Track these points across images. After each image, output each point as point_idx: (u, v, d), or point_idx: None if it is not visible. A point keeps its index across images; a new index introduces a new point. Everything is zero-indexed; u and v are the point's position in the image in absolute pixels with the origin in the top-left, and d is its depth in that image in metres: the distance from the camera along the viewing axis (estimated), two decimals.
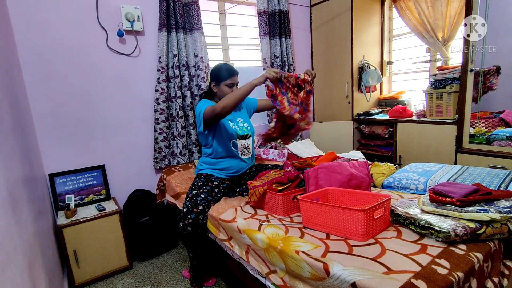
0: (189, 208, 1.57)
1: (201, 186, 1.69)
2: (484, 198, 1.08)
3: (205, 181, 1.72)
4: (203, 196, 1.63)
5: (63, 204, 2.00)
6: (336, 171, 1.46)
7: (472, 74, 1.98)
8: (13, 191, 0.99)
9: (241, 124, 1.86)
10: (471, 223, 0.98)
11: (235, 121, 1.84)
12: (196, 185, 1.71)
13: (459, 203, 1.05)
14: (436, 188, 1.16)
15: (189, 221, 1.54)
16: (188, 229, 1.54)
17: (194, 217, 1.55)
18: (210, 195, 1.66)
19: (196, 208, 1.57)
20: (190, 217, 1.54)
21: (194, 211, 1.56)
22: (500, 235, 0.99)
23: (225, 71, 1.74)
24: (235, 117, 1.87)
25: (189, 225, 1.54)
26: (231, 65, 1.82)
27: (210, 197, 1.64)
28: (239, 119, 1.87)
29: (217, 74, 1.76)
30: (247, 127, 1.87)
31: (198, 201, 1.60)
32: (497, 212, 0.99)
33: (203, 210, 1.58)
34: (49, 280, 1.33)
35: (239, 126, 1.84)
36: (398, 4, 2.81)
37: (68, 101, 2.03)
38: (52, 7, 1.92)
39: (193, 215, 1.55)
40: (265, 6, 2.80)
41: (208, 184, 1.71)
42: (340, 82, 3.02)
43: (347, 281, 0.85)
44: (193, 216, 1.54)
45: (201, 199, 1.61)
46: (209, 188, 1.69)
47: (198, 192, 1.65)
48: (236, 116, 1.87)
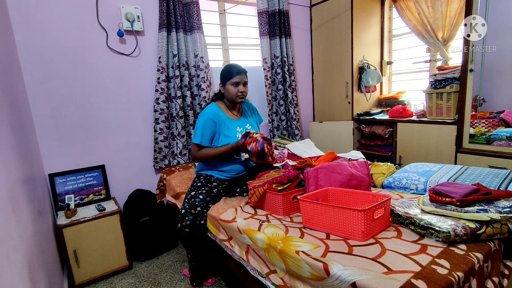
0: (187, 209, 1.56)
1: (200, 187, 1.68)
2: (484, 198, 1.08)
3: (204, 182, 1.71)
4: (201, 197, 1.62)
5: (63, 204, 2.00)
6: (336, 171, 1.46)
7: (472, 74, 1.98)
8: (13, 191, 0.99)
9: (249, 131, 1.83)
10: (471, 223, 0.98)
11: (243, 127, 1.81)
12: (195, 186, 1.70)
13: (459, 203, 1.05)
14: (436, 188, 1.16)
15: (187, 223, 1.54)
16: (186, 231, 1.54)
17: (192, 218, 1.54)
18: (209, 195, 1.65)
19: (194, 209, 1.56)
20: (188, 218, 1.54)
21: (192, 213, 1.55)
22: (500, 235, 0.99)
23: (229, 70, 1.71)
24: (244, 123, 1.82)
25: (187, 227, 1.53)
26: (238, 65, 1.77)
27: (208, 197, 1.64)
28: (248, 125, 1.83)
29: (222, 74, 1.73)
30: None
31: (196, 202, 1.59)
32: (497, 212, 0.99)
33: (201, 211, 1.57)
34: (49, 280, 1.33)
35: None
36: (398, 4, 2.81)
37: (68, 101, 2.03)
38: (52, 7, 1.92)
39: (191, 217, 1.54)
40: (265, 6, 2.80)
41: (207, 185, 1.69)
42: (340, 82, 3.02)
43: (347, 281, 0.85)
44: (191, 218, 1.54)
45: (199, 200, 1.61)
46: (208, 189, 1.68)
47: (197, 193, 1.64)
48: (245, 122, 1.83)
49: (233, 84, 1.69)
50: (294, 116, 3.08)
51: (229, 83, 1.70)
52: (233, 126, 1.74)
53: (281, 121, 3.09)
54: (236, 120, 1.79)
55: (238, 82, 1.69)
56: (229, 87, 1.70)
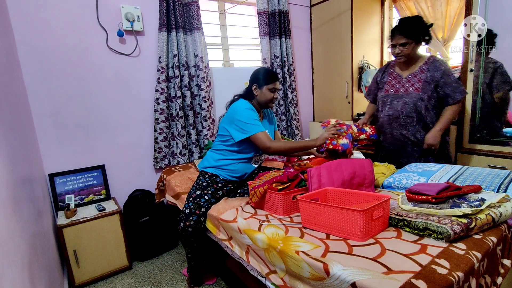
0: (192, 209, 1.55)
1: (206, 186, 1.65)
2: (455, 194, 1.14)
3: (210, 182, 1.68)
4: (206, 197, 1.60)
5: (63, 204, 2.00)
6: (338, 169, 1.46)
7: (472, 74, 1.98)
8: (13, 191, 0.99)
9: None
10: (463, 219, 1.02)
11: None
12: (201, 184, 1.67)
13: (434, 200, 1.11)
14: (412, 188, 1.22)
15: (190, 223, 1.53)
16: (189, 231, 1.53)
17: (196, 219, 1.53)
18: (214, 197, 1.63)
19: (198, 210, 1.55)
20: (192, 218, 1.53)
21: (196, 213, 1.54)
22: (487, 225, 1.05)
23: (270, 75, 1.70)
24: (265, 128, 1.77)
25: (190, 227, 1.52)
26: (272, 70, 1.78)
27: (213, 199, 1.62)
28: (267, 132, 1.79)
29: (261, 77, 1.70)
30: None
31: (201, 202, 1.58)
32: (469, 206, 1.05)
33: (205, 212, 1.57)
34: (49, 280, 1.33)
35: None
36: (398, 4, 2.81)
37: (68, 101, 2.04)
38: (52, 7, 1.92)
39: (195, 217, 1.53)
40: (265, 6, 2.80)
41: (212, 185, 1.67)
42: (340, 82, 3.02)
43: (347, 281, 0.85)
44: (195, 218, 1.53)
45: (204, 200, 1.59)
46: (214, 190, 1.65)
47: (202, 193, 1.62)
48: (265, 128, 1.77)
49: (270, 89, 1.70)
50: (294, 116, 3.08)
51: (267, 87, 1.69)
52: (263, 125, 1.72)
53: (281, 121, 3.09)
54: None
55: (275, 89, 1.71)
56: (266, 91, 1.70)
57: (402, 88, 1.83)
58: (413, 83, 1.79)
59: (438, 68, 1.73)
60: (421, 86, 1.77)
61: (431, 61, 1.78)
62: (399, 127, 1.86)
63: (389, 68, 1.96)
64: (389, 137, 1.94)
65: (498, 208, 1.07)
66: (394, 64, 1.94)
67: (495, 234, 1.04)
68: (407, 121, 1.82)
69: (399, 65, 1.90)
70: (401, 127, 1.85)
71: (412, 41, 1.71)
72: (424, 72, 1.77)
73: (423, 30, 1.71)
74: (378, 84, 2.01)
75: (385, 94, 1.92)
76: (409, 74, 1.83)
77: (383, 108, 1.92)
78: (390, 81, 1.91)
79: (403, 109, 1.81)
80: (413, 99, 1.78)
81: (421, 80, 1.77)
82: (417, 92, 1.77)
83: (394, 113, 1.86)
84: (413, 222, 1.06)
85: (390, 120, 1.88)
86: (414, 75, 1.80)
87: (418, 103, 1.77)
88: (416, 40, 1.72)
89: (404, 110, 1.81)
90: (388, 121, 1.90)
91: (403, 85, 1.83)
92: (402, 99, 1.82)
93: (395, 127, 1.88)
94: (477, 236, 1.01)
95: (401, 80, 1.86)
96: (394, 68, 1.93)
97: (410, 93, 1.79)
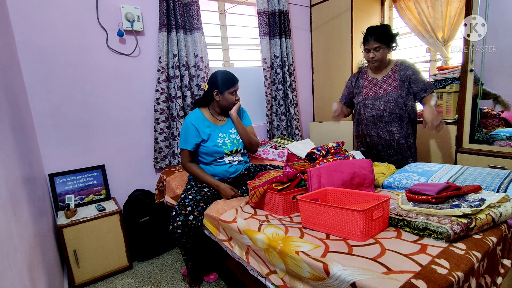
0: (178, 211, 1.57)
1: (190, 188, 1.70)
2: (455, 194, 1.13)
3: (193, 184, 1.74)
4: (191, 197, 1.63)
5: (63, 204, 2.00)
6: (338, 169, 1.46)
7: (472, 74, 1.98)
8: (13, 191, 0.99)
9: (233, 136, 1.81)
10: (463, 219, 1.01)
11: (227, 133, 1.79)
12: (186, 189, 1.73)
13: (434, 200, 1.10)
14: (412, 188, 1.22)
15: (178, 224, 1.54)
16: (178, 232, 1.54)
17: (182, 219, 1.54)
18: (199, 194, 1.65)
19: (184, 210, 1.57)
20: (179, 219, 1.54)
21: (182, 213, 1.56)
22: (487, 225, 1.04)
23: (230, 79, 1.71)
24: (228, 128, 1.81)
25: (178, 228, 1.53)
26: (230, 72, 1.77)
27: (199, 196, 1.64)
28: (232, 130, 1.82)
29: (220, 82, 1.70)
30: (238, 139, 1.82)
31: (186, 202, 1.60)
32: (469, 206, 1.04)
33: (192, 211, 1.57)
34: (49, 280, 1.33)
35: (231, 138, 1.79)
36: (398, 4, 2.81)
37: (68, 101, 2.04)
38: (52, 7, 1.92)
39: (182, 217, 1.55)
40: (265, 6, 2.80)
41: (197, 185, 1.71)
42: (340, 82, 3.02)
43: (347, 281, 0.85)
44: (181, 218, 1.54)
45: (189, 200, 1.61)
46: (198, 189, 1.69)
47: (186, 194, 1.66)
48: (229, 127, 1.82)
49: (232, 93, 1.73)
50: (294, 116, 3.08)
51: (228, 92, 1.72)
52: (215, 133, 1.76)
53: (281, 121, 3.09)
54: (220, 126, 1.80)
55: (236, 90, 1.75)
56: (228, 96, 1.72)
57: (380, 90, 1.95)
58: (389, 83, 1.93)
59: (408, 68, 1.90)
60: (398, 84, 1.90)
61: (400, 63, 1.94)
62: (384, 125, 1.97)
63: (362, 74, 2.08)
64: (374, 137, 2.04)
65: (498, 208, 1.08)
66: (366, 70, 2.06)
67: (495, 234, 1.03)
68: (391, 118, 1.94)
69: (372, 70, 2.02)
70: (386, 125, 1.96)
71: (385, 45, 1.84)
72: (397, 73, 1.92)
73: (392, 37, 1.85)
74: (353, 90, 2.11)
75: (364, 97, 2.02)
76: (383, 76, 1.96)
77: (365, 110, 2.01)
78: (366, 85, 2.02)
79: (386, 107, 1.92)
80: (394, 96, 1.90)
81: (396, 79, 1.91)
82: (396, 90, 1.90)
83: (378, 113, 1.96)
84: (413, 222, 1.06)
85: (375, 120, 1.99)
86: (388, 76, 1.94)
87: (399, 100, 1.90)
88: (387, 45, 1.85)
89: (388, 108, 1.92)
90: (373, 121, 2.00)
91: (380, 86, 1.96)
92: (383, 98, 1.93)
93: (381, 126, 1.98)
94: (477, 236, 1.01)
95: (377, 83, 1.97)
96: (367, 73, 2.04)
97: (390, 92, 1.92)
